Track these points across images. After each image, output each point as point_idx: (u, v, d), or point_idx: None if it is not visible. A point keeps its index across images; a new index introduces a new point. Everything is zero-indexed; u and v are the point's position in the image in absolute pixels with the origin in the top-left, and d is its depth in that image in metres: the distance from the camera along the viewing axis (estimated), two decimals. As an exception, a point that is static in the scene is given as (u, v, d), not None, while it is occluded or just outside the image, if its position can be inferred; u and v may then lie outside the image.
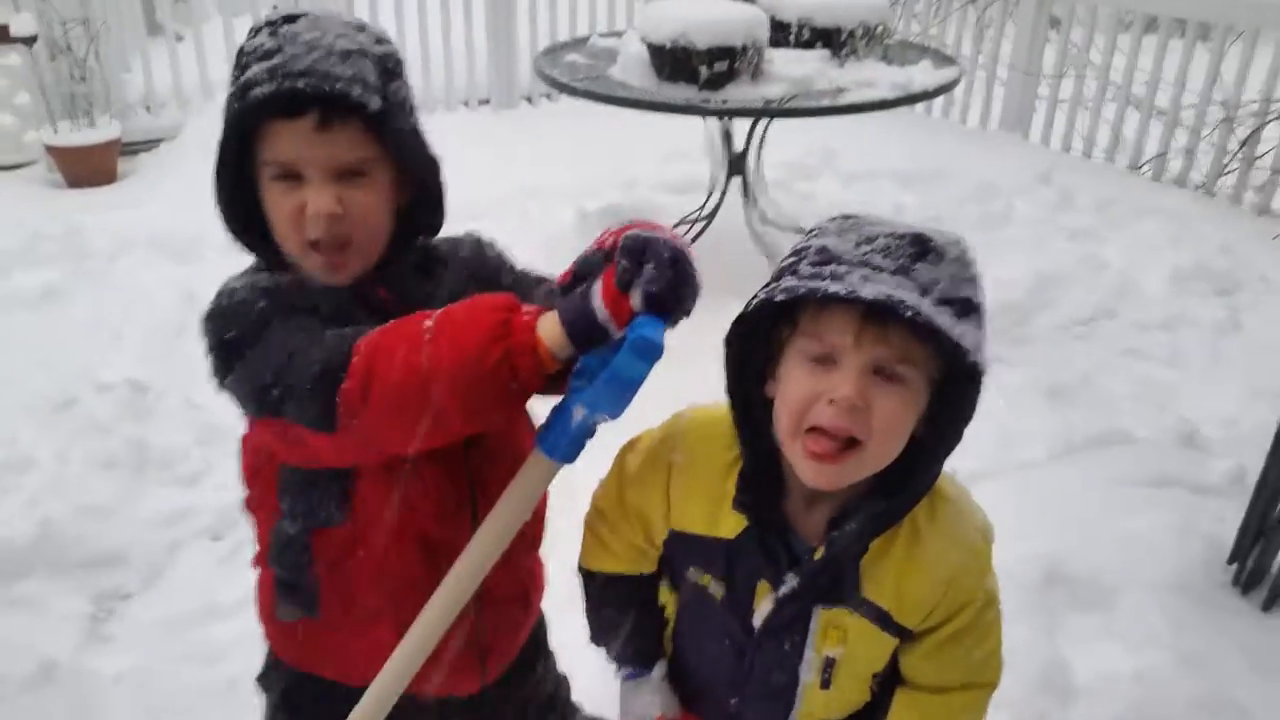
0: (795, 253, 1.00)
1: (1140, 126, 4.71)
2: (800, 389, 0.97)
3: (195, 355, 3.10)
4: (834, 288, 0.92)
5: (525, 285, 1.20)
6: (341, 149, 1.04)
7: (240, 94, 1.02)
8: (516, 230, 3.90)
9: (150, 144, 4.84)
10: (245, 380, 1.05)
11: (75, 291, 3.31)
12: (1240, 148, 4.34)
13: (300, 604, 1.21)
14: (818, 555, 1.06)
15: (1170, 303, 3.48)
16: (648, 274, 0.92)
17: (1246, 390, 2.91)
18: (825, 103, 3.15)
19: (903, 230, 0.96)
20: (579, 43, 4.01)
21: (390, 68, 1.07)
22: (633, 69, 3.35)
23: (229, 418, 2.61)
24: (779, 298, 0.95)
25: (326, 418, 1.00)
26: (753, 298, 0.99)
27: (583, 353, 0.98)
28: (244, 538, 2.28)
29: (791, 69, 3.27)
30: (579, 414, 0.99)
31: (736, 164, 3.67)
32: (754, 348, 1.05)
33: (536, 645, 1.43)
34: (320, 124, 1.01)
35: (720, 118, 3.49)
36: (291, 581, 1.20)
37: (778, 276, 0.99)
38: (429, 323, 0.98)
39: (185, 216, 3.83)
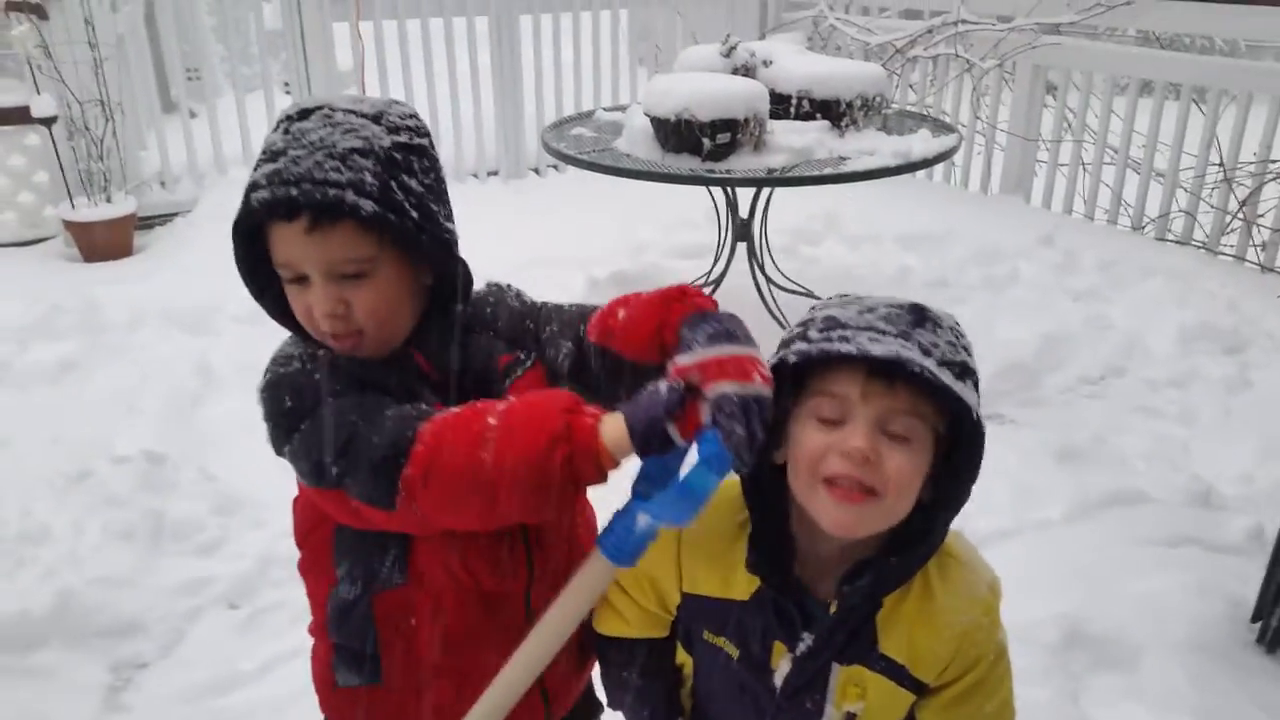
0: (802, 324, 1.05)
1: (1140, 188, 4.78)
2: (813, 443, 1.01)
3: (210, 426, 3.15)
4: (844, 348, 0.97)
5: (549, 317, 1.24)
6: (335, 251, 1.05)
7: (246, 195, 1.06)
8: (527, 298, 3.97)
9: (165, 218, 4.92)
10: (305, 453, 1.07)
11: (92, 364, 3.35)
12: (1241, 207, 4.39)
13: (362, 670, 1.21)
14: (832, 610, 1.08)
15: (1179, 361, 3.50)
16: (731, 419, 0.93)
17: (1260, 447, 2.91)
18: (827, 171, 3.21)
19: (900, 301, 1.03)
20: (585, 116, 4.10)
21: (400, 159, 1.07)
22: (638, 141, 3.42)
23: (244, 487, 2.65)
24: (792, 359, 1.00)
25: (386, 498, 1.02)
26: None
27: (644, 457, 0.99)
28: (261, 605, 2.29)
29: (793, 139, 3.35)
30: (643, 521, 1.01)
31: (741, 230, 3.72)
32: None
33: (591, 693, 1.44)
34: (310, 227, 1.03)
35: (724, 187, 3.55)
36: (354, 649, 1.20)
37: (786, 344, 1.04)
38: (493, 420, 0.99)
39: (200, 288, 3.89)
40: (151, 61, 5.27)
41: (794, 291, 3.94)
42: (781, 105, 3.57)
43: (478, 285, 1.25)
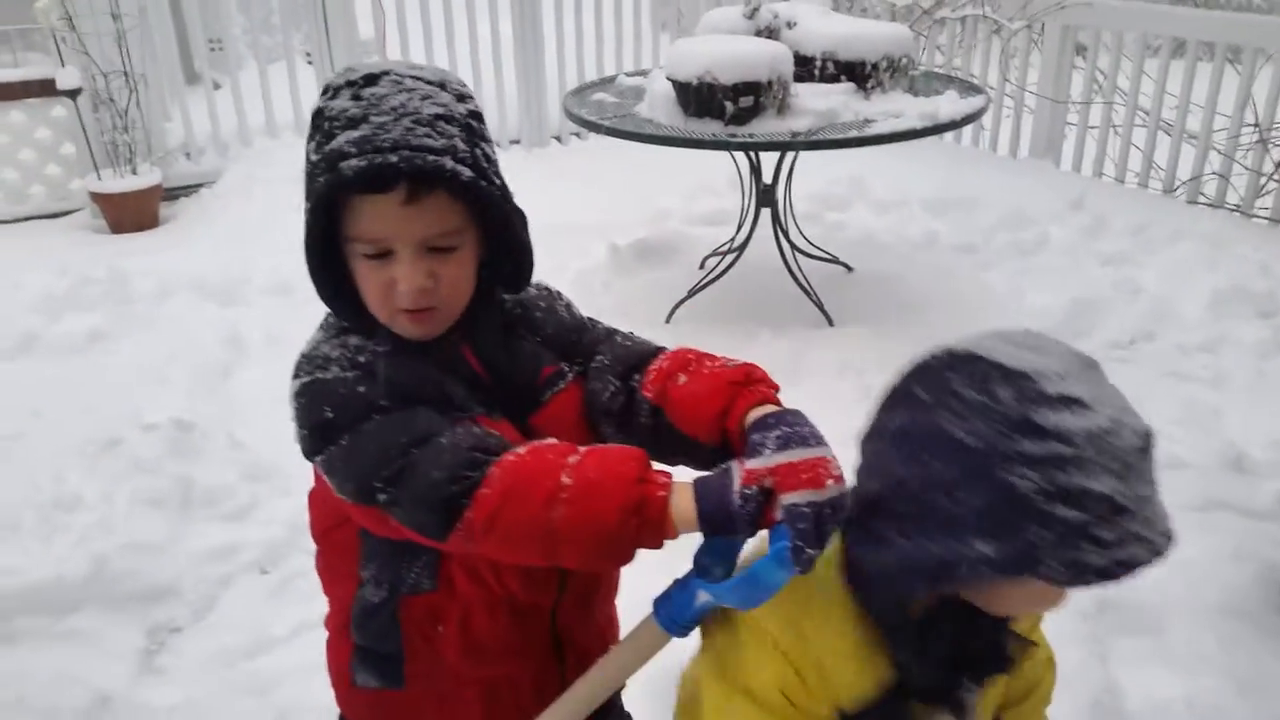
0: (1069, 498, 0.83)
1: (1172, 150, 4.69)
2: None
3: (239, 395, 3.17)
4: (1144, 556, 0.85)
5: (599, 340, 1.22)
6: (431, 222, 1.01)
7: (329, 166, 0.98)
8: (550, 267, 3.94)
9: (191, 189, 4.95)
10: (347, 472, 1.03)
11: (120, 334, 3.38)
12: (1277, 168, 4.31)
13: (383, 674, 1.19)
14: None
15: (1210, 325, 3.45)
16: (804, 532, 0.92)
17: (1292, 411, 2.88)
18: (852, 134, 3.17)
19: (1138, 430, 0.88)
20: (606, 82, 4.07)
21: (476, 127, 1.04)
22: (659, 106, 3.39)
23: (273, 454, 2.68)
24: (1092, 581, 0.84)
25: (440, 534, 0.99)
26: (1055, 566, 0.85)
27: (709, 536, 0.99)
28: (292, 571, 2.32)
29: (817, 102, 3.30)
30: (703, 598, 1.01)
31: (765, 196, 3.69)
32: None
33: (614, 699, 1.41)
34: (409, 198, 0.98)
35: (747, 152, 3.52)
36: (377, 651, 1.18)
37: (1074, 536, 0.84)
38: (567, 479, 0.96)
39: (226, 259, 3.92)
40: (174, 32, 5.27)
41: (818, 258, 3.91)
42: (805, 68, 3.52)
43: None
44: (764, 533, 0.97)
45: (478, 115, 1.06)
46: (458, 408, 1.07)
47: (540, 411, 1.15)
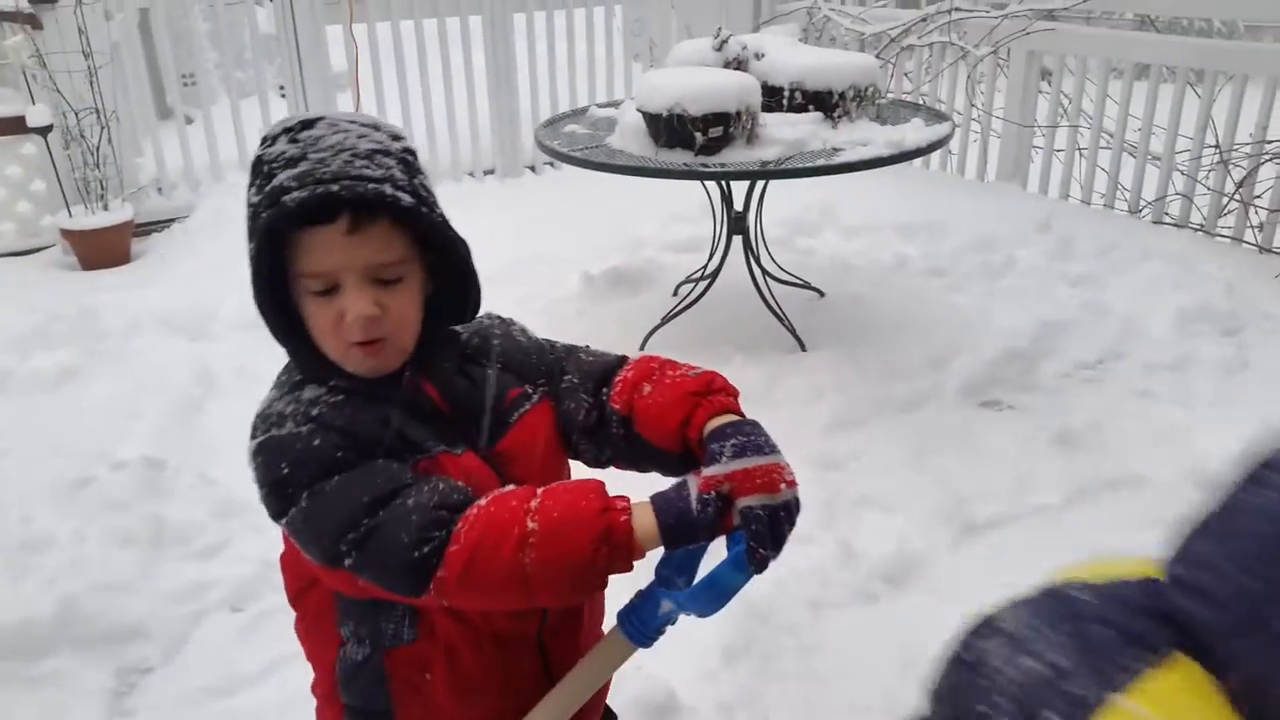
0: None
1: (1137, 171, 4.77)
2: None
3: (210, 430, 3.16)
4: None
5: (561, 359, 1.24)
6: (375, 250, 1.03)
7: (271, 202, 1.00)
8: (524, 296, 3.99)
9: (163, 224, 4.94)
10: (311, 536, 1.03)
11: (91, 372, 3.36)
12: (1237, 188, 4.39)
13: None
14: None
15: (1176, 344, 3.50)
16: (760, 534, 0.98)
17: (1259, 428, 2.91)
18: (820, 163, 3.21)
19: None
20: (578, 113, 4.10)
21: (412, 162, 1.08)
22: (630, 137, 3.42)
23: (244, 491, 2.64)
24: None
25: (414, 593, 1.01)
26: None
27: (671, 548, 1.04)
28: (264, 608, 2.30)
29: (785, 132, 3.34)
30: (667, 607, 1.05)
31: (737, 223, 3.72)
32: None
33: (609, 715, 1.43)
34: (352, 226, 1.01)
35: (718, 181, 3.56)
36: (366, 709, 1.18)
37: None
38: (532, 523, 0.98)
39: (198, 294, 3.91)
40: (146, 68, 5.28)
41: (790, 283, 3.95)
42: (774, 98, 3.56)
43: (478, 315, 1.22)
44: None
45: (413, 152, 1.10)
46: (419, 449, 1.08)
47: (508, 434, 1.16)
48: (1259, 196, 4.36)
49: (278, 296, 1.06)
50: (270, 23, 5.52)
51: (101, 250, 4.51)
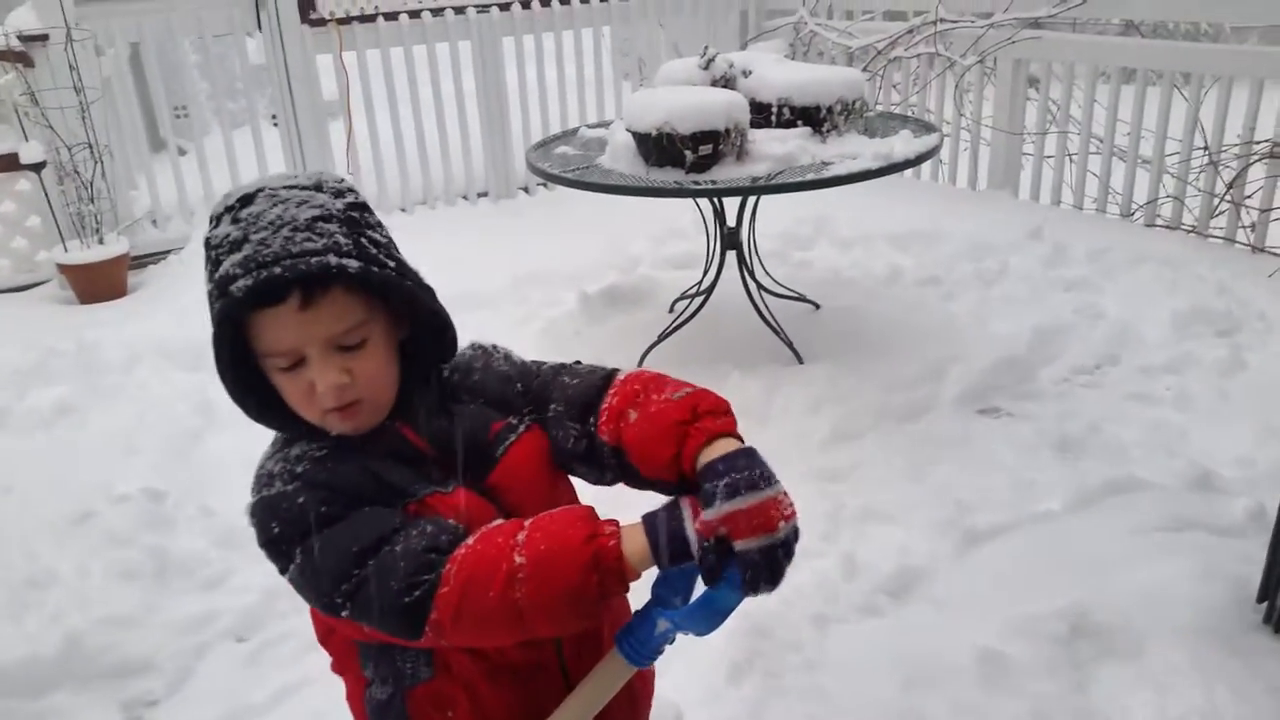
0: None
1: (1127, 175, 4.79)
2: None
3: (210, 461, 3.16)
4: None
5: (546, 384, 1.21)
6: (332, 322, 1.03)
7: (220, 291, 1.01)
8: (522, 317, 4.01)
9: (158, 256, 4.95)
10: (310, 589, 1.06)
11: (89, 406, 3.36)
12: (1228, 189, 4.41)
13: None
14: None
15: (1172, 346, 3.51)
16: (757, 576, 0.98)
17: (1258, 428, 2.92)
18: (810, 177, 3.22)
19: None
20: (569, 135, 4.12)
21: (357, 218, 1.06)
22: (621, 157, 3.44)
23: (244, 523, 2.65)
24: None
25: (410, 636, 1.02)
26: None
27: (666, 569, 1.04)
28: (269, 637, 2.30)
29: (774, 147, 3.36)
30: (664, 626, 1.06)
31: (730, 239, 3.74)
32: None
33: None
34: (303, 303, 1.01)
35: (710, 198, 3.57)
36: None
37: None
38: (520, 558, 0.99)
39: (196, 324, 3.88)
40: (138, 102, 5.31)
41: (786, 297, 3.96)
42: (762, 114, 3.59)
43: (462, 345, 1.22)
44: None
45: (359, 206, 1.08)
46: (405, 494, 1.09)
47: (497, 468, 1.16)
48: (1249, 197, 4.38)
49: (249, 372, 1.08)
50: (260, 53, 5.55)
51: (98, 284, 4.52)
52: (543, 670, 1.18)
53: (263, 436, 1.15)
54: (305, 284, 1.00)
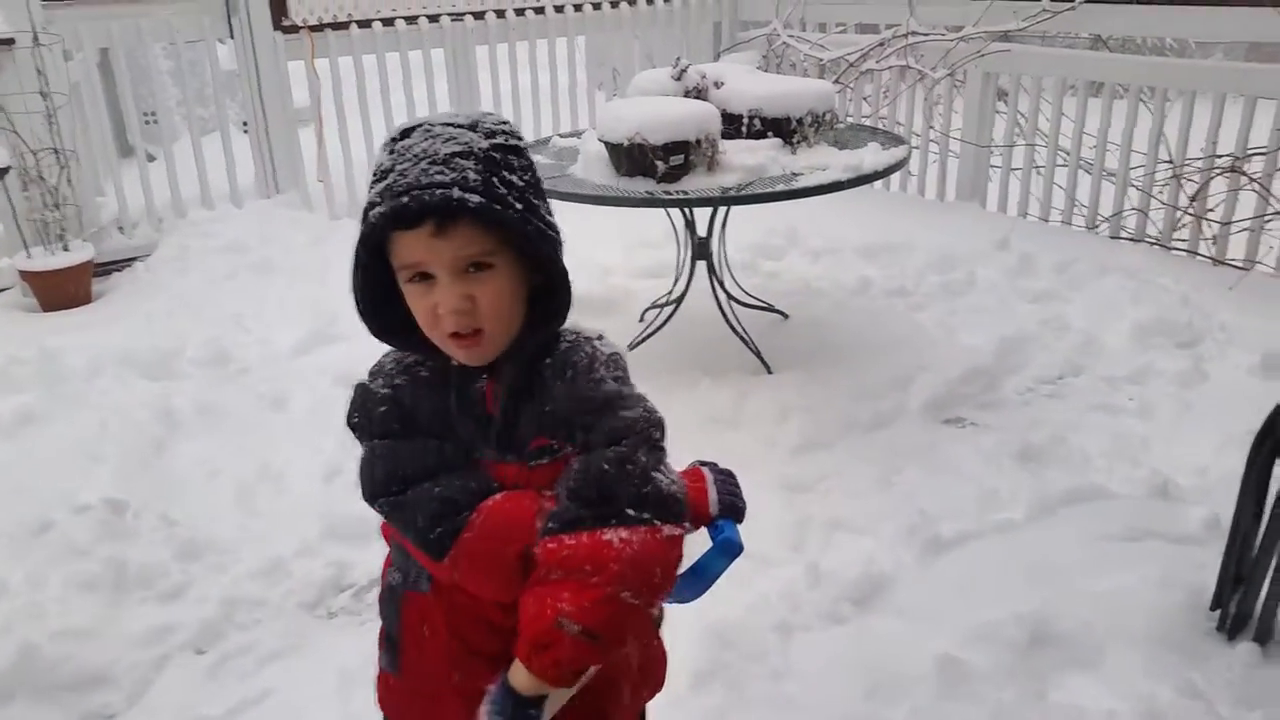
0: None
1: (1093, 188, 4.85)
2: None
3: (172, 470, 3.13)
4: None
5: (591, 444, 1.15)
6: (460, 246, 1.09)
7: (364, 216, 1.11)
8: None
9: (124, 263, 4.89)
10: (361, 479, 1.19)
11: (51, 414, 3.31)
12: (1191, 202, 4.47)
13: (390, 659, 1.29)
14: None
15: (1135, 357, 3.55)
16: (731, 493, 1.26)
17: (1216, 438, 2.95)
18: (780, 188, 3.24)
19: None
20: (541, 144, 4.12)
21: (498, 159, 1.10)
22: (593, 167, 3.45)
23: (207, 531, 2.65)
24: None
25: (430, 558, 1.15)
26: None
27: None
28: (229, 650, 2.28)
29: (745, 158, 3.38)
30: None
31: (701, 249, 3.75)
32: None
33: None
34: (437, 230, 1.07)
35: (680, 208, 3.58)
36: (388, 632, 1.29)
37: None
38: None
39: (161, 333, 3.88)
40: (107, 107, 5.25)
41: (755, 307, 3.97)
42: (733, 125, 3.60)
43: (599, 330, 1.23)
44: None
45: (506, 148, 1.12)
46: (467, 449, 1.18)
47: (528, 475, 1.18)
48: (1211, 210, 4.44)
49: (385, 294, 1.15)
50: (232, 59, 5.51)
51: (61, 291, 4.47)
52: (510, 639, 1.18)
53: (224, 447, 1.18)
54: (434, 212, 1.06)
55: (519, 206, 1.10)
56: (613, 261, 4.61)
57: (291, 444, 3.06)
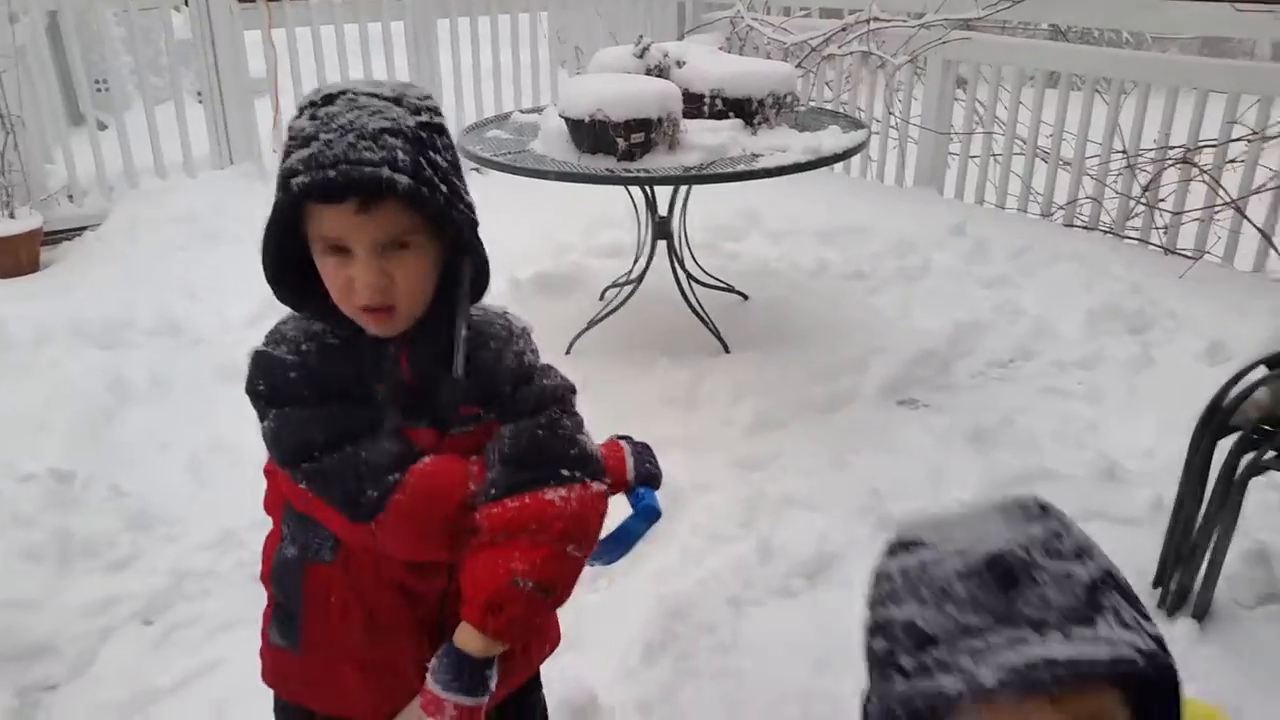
0: (880, 629, 0.83)
1: (1049, 176, 4.91)
2: None
3: (121, 441, 3.08)
4: (949, 685, 0.76)
5: (509, 415, 1.21)
6: (381, 226, 1.08)
7: (282, 183, 1.08)
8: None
9: (74, 232, 4.79)
10: (270, 448, 1.17)
11: (-4, 384, 3.25)
12: (1143, 192, 4.54)
13: (285, 633, 1.27)
14: None
15: (1086, 343, 3.61)
16: (648, 463, 1.33)
17: (1161, 421, 3.02)
18: (740, 168, 3.25)
19: (975, 558, 0.79)
20: (501, 119, 4.09)
21: (425, 138, 1.09)
22: (554, 143, 3.43)
23: (157, 502, 2.61)
24: (901, 712, 0.79)
25: (354, 520, 1.14)
26: (866, 694, 0.86)
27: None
28: (176, 620, 2.25)
29: (706, 138, 3.38)
30: None
31: (661, 229, 3.75)
32: None
33: (531, 689, 1.48)
34: (360, 207, 1.05)
35: (641, 186, 3.58)
36: (284, 608, 1.27)
37: (880, 668, 0.83)
38: (474, 485, 1.16)
39: (111, 302, 3.81)
40: (56, 73, 5.13)
41: (714, 287, 3.98)
42: (695, 105, 3.60)
43: (503, 306, 1.27)
44: None
45: (430, 126, 1.11)
46: (381, 414, 1.16)
47: (444, 442, 1.20)
48: (1163, 200, 4.52)
49: (292, 257, 1.13)
50: (187, 28, 5.40)
51: (9, 259, 4.36)
52: (425, 600, 1.24)
53: (175, 417, 1.17)
54: (363, 191, 1.04)
55: (444, 189, 1.10)
56: (573, 239, 4.60)
57: (245, 415, 3.00)
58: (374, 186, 1.04)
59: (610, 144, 3.26)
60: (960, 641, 0.77)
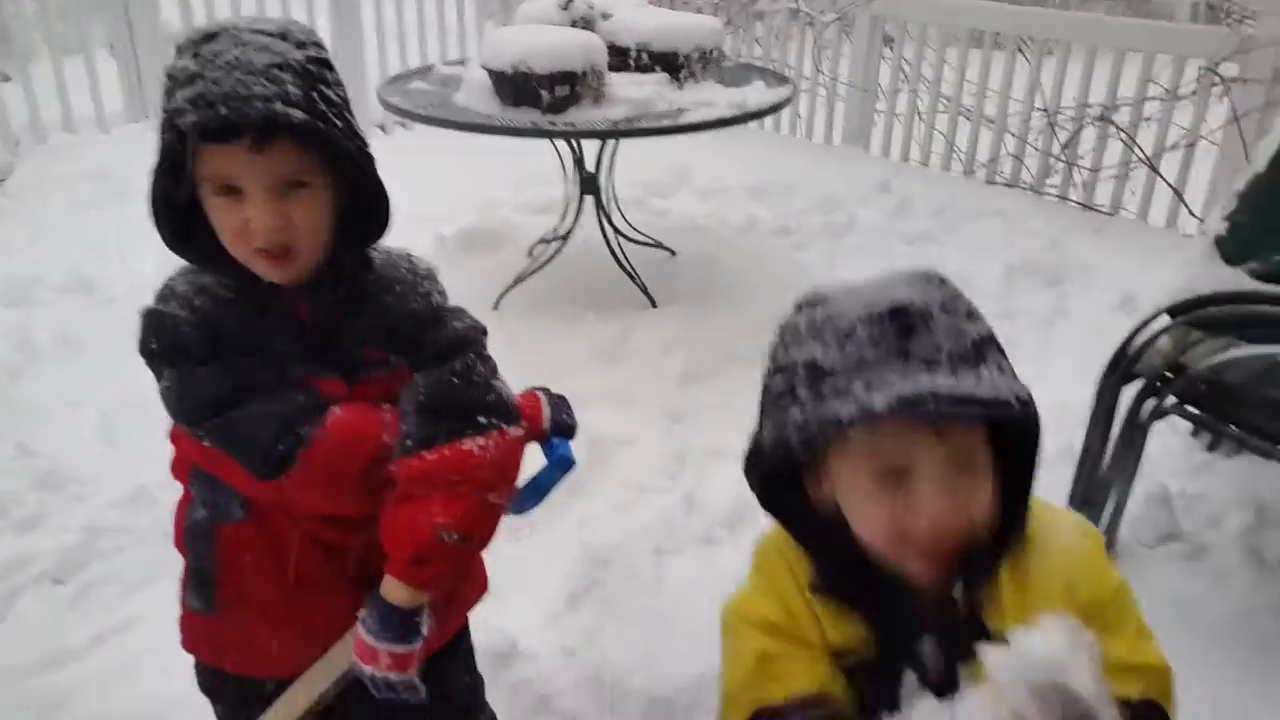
0: (781, 370, 0.93)
1: (971, 134, 4.99)
2: (881, 515, 0.90)
3: (29, 399, 2.99)
4: (842, 410, 0.85)
5: (422, 360, 1.19)
6: (277, 164, 1.04)
7: (169, 124, 1.03)
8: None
9: (-22, 189, 4.60)
10: (169, 407, 1.13)
11: (-105, 344, 3.12)
12: (1063, 149, 4.64)
13: (201, 597, 1.24)
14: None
15: (1005, 298, 3.69)
16: (564, 414, 1.32)
17: (1073, 371, 3.08)
18: (666, 123, 3.24)
19: (880, 308, 0.88)
20: (423, 71, 4.01)
21: (315, 72, 1.06)
22: (476, 95, 3.38)
23: (67, 461, 2.55)
24: (795, 438, 0.89)
25: (264, 476, 1.10)
26: (757, 431, 0.95)
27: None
28: (89, 580, 2.21)
29: (632, 92, 3.36)
30: None
31: (589, 184, 3.73)
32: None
33: (461, 638, 1.47)
34: (253, 145, 1.02)
35: (567, 140, 3.55)
36: (199, 572, 1.24)
37: (776, 401, 0.92)
38: (388, 437, 1.14)
39: (19, 259, 3.69)
40: (-46, 21, 4.90)
41: (642, 243, 3.98)
42: (621, 58, 3.57)
43: (405, 248, 1.25)
44: None
45: (318, 61, 1.08)
46: (284, 365, 1.13)
47: (355, 389, 1.17)
48: (1082, 157, 4.62)
49: (180, 203, 1.08)
50: (96, -26, 5.19)
51: (-92, 216, 4.18)
52: (346, 554, 1.22)
53: (86, 376, 1.14)
54: (256, 128, 1.01)
55: (339, 124, 1.07)
56: (501, 195, 4.56)
57: (160, 374, 2.95)
58: (268, 122, 1.01)
59: (534, 96, 3.22)
60: (856, 373, 0.85)
